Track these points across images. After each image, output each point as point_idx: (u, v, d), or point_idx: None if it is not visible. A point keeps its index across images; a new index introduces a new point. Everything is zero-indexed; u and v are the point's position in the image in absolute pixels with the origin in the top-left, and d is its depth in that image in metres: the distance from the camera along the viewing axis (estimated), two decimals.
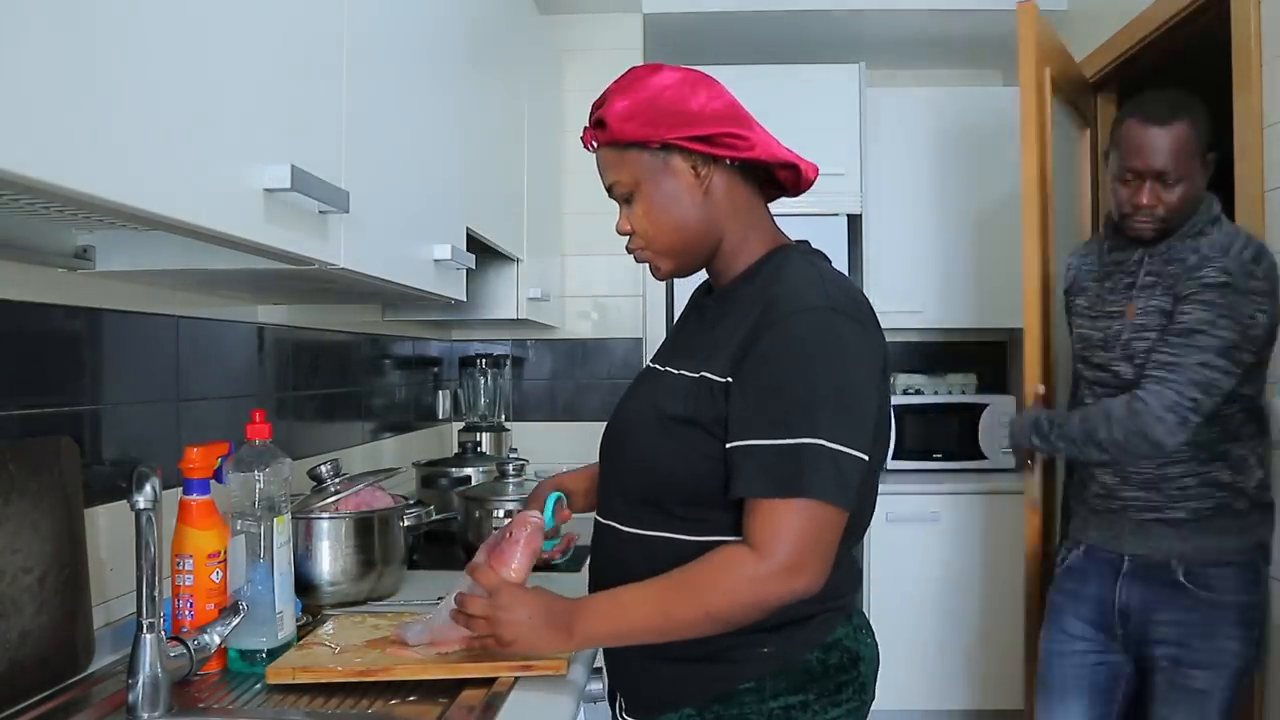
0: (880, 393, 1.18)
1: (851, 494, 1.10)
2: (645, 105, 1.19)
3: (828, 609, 1.19)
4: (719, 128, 1.19)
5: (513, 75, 2.38)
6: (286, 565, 1.30)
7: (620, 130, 1.19)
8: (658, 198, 1.21)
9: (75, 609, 1.17)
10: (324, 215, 1.10)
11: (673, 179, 1.21)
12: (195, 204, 0.84)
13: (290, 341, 1.91)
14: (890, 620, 3.20)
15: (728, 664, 1.16)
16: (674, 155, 1.20)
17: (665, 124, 1.18)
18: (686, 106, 1.19)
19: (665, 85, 1.20)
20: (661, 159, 1.20)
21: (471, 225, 1.83)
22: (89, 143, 0.69)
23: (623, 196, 1.24)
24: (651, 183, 1.21)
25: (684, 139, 1.19)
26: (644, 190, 1.21)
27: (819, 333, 1.12)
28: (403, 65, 1.44)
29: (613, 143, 1.21)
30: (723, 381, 1.14)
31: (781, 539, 1.08)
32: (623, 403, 1.32)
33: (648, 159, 1.20)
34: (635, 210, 1.23)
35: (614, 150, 1.22)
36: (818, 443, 1.07)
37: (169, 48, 0.79)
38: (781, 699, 1.16)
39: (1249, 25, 2.17)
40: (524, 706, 1.13)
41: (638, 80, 1.21)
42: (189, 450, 1.22)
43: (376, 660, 1.21)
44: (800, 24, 3.26)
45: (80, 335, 1.27)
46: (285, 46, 1.03)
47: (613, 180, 1.24)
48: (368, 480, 1.65)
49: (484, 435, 2.84)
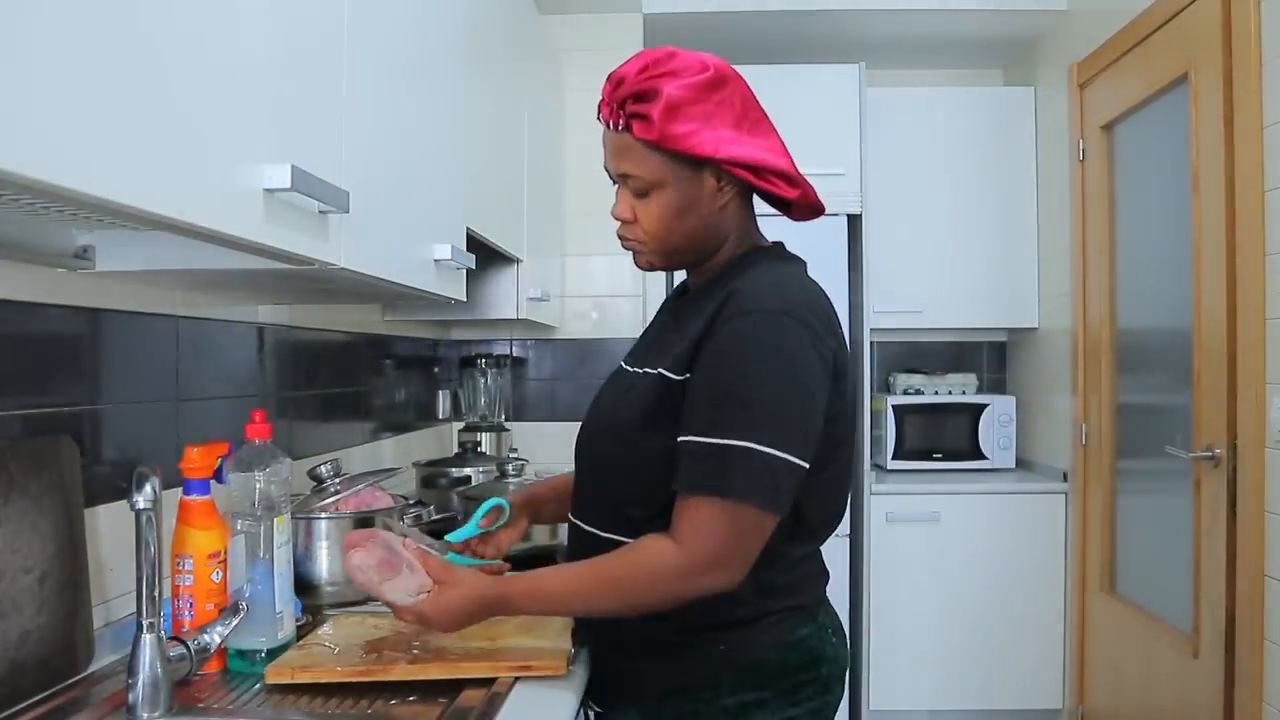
0: (836, 397, 1.17)
1: (781, 499, 1.10)
2: (701, 114, 1.14)
3: (786, 608, 1.19)
4: (770, 162, 1.17)
5: (513, 75, 2.38)
6: (286, 565, 1.30)
7: (667, 133, 1.14)
8: (676, 203, 1.18)
9: (75, 609, 1.17)
10: (324, 215, 1.10)
11: (698, 189, 1.18)
12: (195, 204, 0.84)
13: (290, 341, 1.91)
14: (890, 620, 3.21)
15: (683, 661, 1.18)
16: (706, 168, 1.17)
17: (714, 141, 1.14)
18: (737, 124, 1.16)
19: (720, 97, 1.15)
20: (694, 169, 1.17)
21: (471, 225, 1.83)
22: (89, 142, 0.69)
23: (637, 191, 1.20)
24: (675, 188, 1.17)
25: (731, 163, 1.16)
26: (664, 192, 1.18)
27: (767, 334, 1.11)
28: (403, 65, 1.44)
29: (650, 142, 1.16)
30: (679, 379, 1.15)
31: (702, 536, 1.09)
32: (593, 403, 1.33)
33: (680, 166, 1.17)
34: (648, 208, 1.19)
35: (644, 145, 1.16)
36: (749, 445, 1.07)
37: (169, 48, 0.79)
38: (738, 695, 1.17)
39: (1249, 25, 2.17)
40: (524, 706, 1.13)
41: (690, 79, 1.14)
42: (189, 450, 1.22)
43: (376, 660, 1.21)
44: (800, 24, 3.26)
45: (80, 335, 1.27)
46: (286, 46, 1.03)
47: (630, 171, 1.18)
48: (368, 480, 1.65)
49: (484, 435, 2.84)
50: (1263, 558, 2.11)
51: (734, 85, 1.18)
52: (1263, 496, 2.11)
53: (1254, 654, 2.14)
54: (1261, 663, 2.12)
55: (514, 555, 1.99)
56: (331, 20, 1.16)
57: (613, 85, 1.18)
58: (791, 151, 1.23)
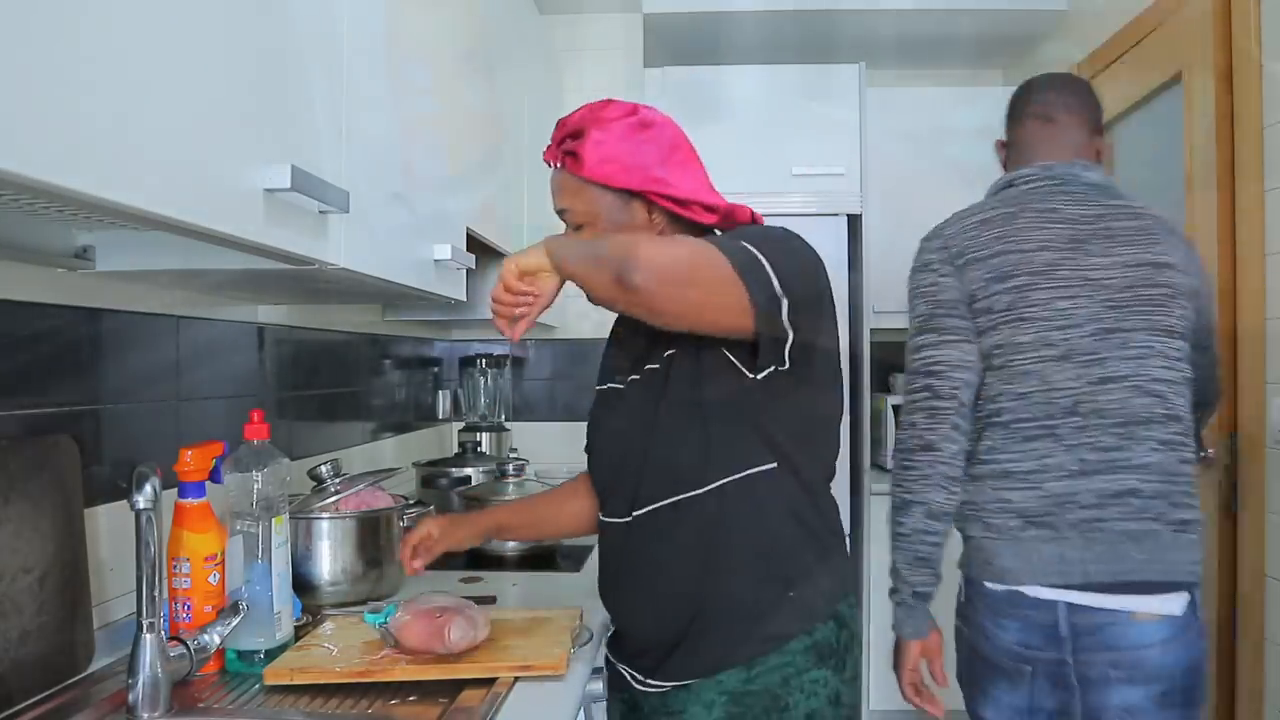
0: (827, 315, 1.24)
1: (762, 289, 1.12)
2: (625, 151, 1.25)
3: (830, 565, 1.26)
4: (694, 195, 1.27)
5: (513, 75, 2.38)
6: (284, 566, 1.30)
7: (596, 170, 1.25)
8: (611, 232, 1.26)
9: (75, 609, 1.17)
10: (324, 215, 1.10)
11: (629, 220, 1.28)
12: (195, 204, 0.84)
13: (290, 341, 1.91)
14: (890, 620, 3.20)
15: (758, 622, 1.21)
16: (635, 200, 1.27)
17: (640, 175, 1.25)
18: (663, 162, 1.26)
19: (645, 136, 1.26)
20: (624, 200, 1.27)
21: (471, 225, 1.83)
22: (89, 142, 0.69)
23: (574, 224, 1.30)
24: (608, 220, 1.28)
25: (657, 195, 1.26)
26: (598, 222, 1.28)
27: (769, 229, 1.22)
28: (403, 65, 1.44)
29: (581, 177, 1.26)
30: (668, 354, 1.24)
31: None
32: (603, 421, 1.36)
33: (610, 198, 1.27)
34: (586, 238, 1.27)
35: (577, 180, 1.27)
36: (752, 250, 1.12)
37: (169, 48, 0.79)
38: (810, 673, 1.21)
39: (1249, 25, 2.17)
40: (524, 706, 1.13)
41: (616, 120, 1.26)
42: (183, 452, 1.22)
43: (375, 661, 1.21)
44: (800, 24, 3.25)
45: (80, 335, 1.27)
46: (286, 46, 1.03)
47: (567, 207, 1.30)
48: (368, 480, 1.65)
49: (484, 435, 2.84)
50: (1263, 558, 2.11)
51: (661, 128, 1.29)
52: (1263, 496, 2.11)
53: (1254, 654, 2.14)
54: (1262, 663, 2.12)
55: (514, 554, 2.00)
56: (332, 20, 1.16)
57: (557, 129, 1.30)
58: (792, 151, 1.26)
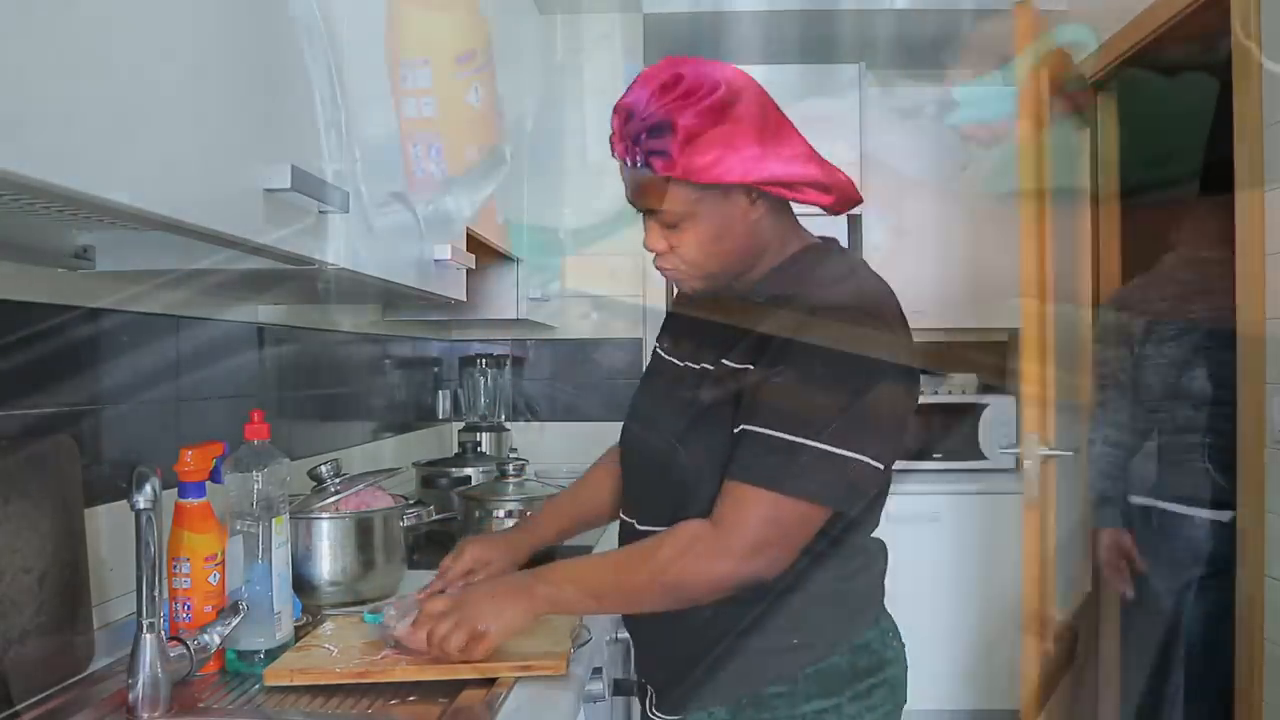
0: (908, 391, 1.17)
1: (853, 497, 1.10)
2: (720, 139, 1.07)
3: (850, 608, 1.20)
4: (803, 174, 1.13)
5: (513, 75, 2.38)
6: (284, 566, 1.30)
7: (692, 170, 1.07)
8: (710, 230, 1.13)
9: (75, 609, 1.17)
10: (324, 215, 1.10)
11: (730, 211, 1.12)
12: (195, 204, 0.84)
13: (290, 341, 1.91)
14: None
15: (757, 660, 1.16)
16: (735, 189, 1.11)
17: (740, 167, 1.08)
18: (760, 139, 1.10)
19: (735, 115, 1.08)
20: (723, 192, 1.11)
21: (471, 225, 1.83)
22: (89, 142, 0.69)
23: (666, 222, 1.13)
24: (707, 216, 1.11)
25: (764, 183, 1.11)
26: (696, 221, 1.12)
27: (846, 334, 1.09)
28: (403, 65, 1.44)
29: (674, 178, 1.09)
30: (741, 368, 1.13)
31: (744, 520, 1.07)
32: (638, 399, 1.31)
33: (708, 194, 1.10)
34: (681, 237, 1.14)
35: (666, 181, 1.10)
36: (823, 447, 1.06)
37: (169, 48, 0.79)
38: (814, 703, 1.15)
39: (1249, 25, 2.17)
40: (524, 706, 1.13)
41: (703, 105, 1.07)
42: (183, 452, 1.21)
43: (375, 661, 1.21)
44: (800, 23, 3.25)
45: (80, 335, 1.27)
46: (286, 46, 1.03)
47: (657, 206, 1.12)
48: (368, 480, 1.65)
49: (484, 435, 2.84)
50: (1263, 558, 2.11)
51: (748, 95, 1.11)
52: (1263, 497, 2.11)
53: (1254, 654, 2.13)
54: (1262, 663, 2.12)
55: None
56: (331, 20, 1.16)
57: (622, 119, 1.10)
58: None
